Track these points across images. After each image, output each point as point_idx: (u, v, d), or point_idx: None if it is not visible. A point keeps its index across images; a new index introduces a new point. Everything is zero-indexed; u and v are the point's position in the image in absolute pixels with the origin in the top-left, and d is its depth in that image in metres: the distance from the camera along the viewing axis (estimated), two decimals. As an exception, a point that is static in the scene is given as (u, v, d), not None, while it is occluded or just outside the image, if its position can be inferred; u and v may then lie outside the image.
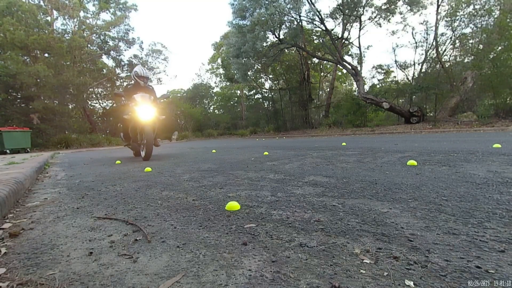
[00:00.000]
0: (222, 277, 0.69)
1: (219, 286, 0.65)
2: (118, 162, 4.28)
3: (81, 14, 19.44)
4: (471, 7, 13.02)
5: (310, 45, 18.87)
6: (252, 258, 0.78)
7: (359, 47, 15.76)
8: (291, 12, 13.96)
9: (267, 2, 13.60)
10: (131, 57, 24.42)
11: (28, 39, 13.60)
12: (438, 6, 13.48)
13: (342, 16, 14.94)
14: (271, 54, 16.19)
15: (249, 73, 17.31)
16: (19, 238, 1.07)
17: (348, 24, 15.76)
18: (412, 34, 18.47)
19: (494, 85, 10.44)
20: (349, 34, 16.70)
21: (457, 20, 13.48)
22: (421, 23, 18.73)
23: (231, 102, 30.20)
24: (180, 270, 0.73)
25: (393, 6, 13.97)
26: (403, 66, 16.89)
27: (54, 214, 1.39)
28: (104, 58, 23.17)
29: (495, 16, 11.99)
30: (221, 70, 28.39)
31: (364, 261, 0.73)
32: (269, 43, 16.02)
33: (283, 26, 15.02)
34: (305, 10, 14.94)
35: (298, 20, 14.97)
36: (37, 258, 0.86)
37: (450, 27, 13.90)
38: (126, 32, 21.95)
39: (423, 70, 15.55)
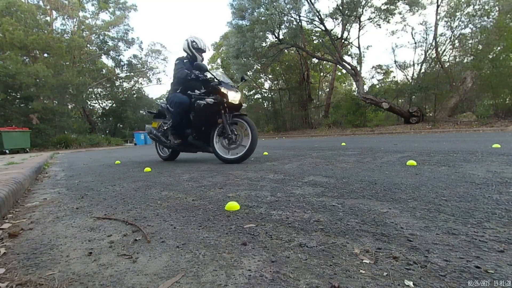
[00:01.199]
0: (221, 277, 0.68)
1: (218, 286, 0.65)
2: (117, 162, 4.28)
3: (81, 14, 19.45)
4: (471, 7, 13.04)
5: (310, 45, 18.88)
6: (252, 258, 0.78)
7: (359, 47, 15.78)
8: (290, 12, 13.98)
9: (266, 2, 13.61)
10: (130, 57, 24.49)
11: (27, 39, 13.60)
12: (438, 6, 13.50)
13: (341, 16, 14.95)
14: (271, 54, 16.21)
15: (248, 73, 17.32)
16: (18, 238, 1.07)
17: (348, 25, 15.77)
18: (412, 34, 18.46)
19: (494, 85, 10.47)
20: (348, 34, 16.73)
21: (457, 20, 13.50)
22: (421, 23, 18.73)
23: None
24: (180, 270, 0.73)
25: (392, 6, 13.99)
26: (402, 66, 16.90)
27: (53, 214, 1.39)
28: (104, 58, 23.21)
29: (494, 16, 12.02)
30: (221, 70, 28.36)
31: (363, 261, 0.73)
32: (268, 43, 16.04)
33: (283, 26, 15.03)
34: (305, 10, 14.97)
35: (298, 20, 14.98)
36: (36, 259, 0.86)
37: (450, 27, 13.93)
38: (125, 32, 21.99)
39: (423, 70, 15.57)
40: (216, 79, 3.21)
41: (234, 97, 3.14)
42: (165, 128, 3.80)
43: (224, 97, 3.09)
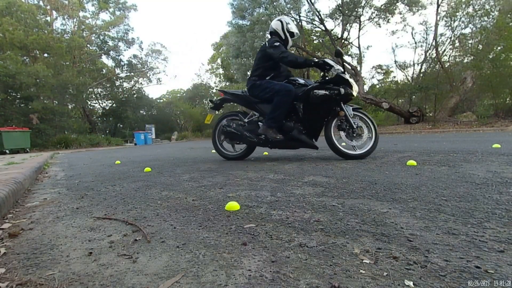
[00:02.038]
0: (221, 277, 0.69)
1: (218, 286, 0.65)
2: (117, 162, 4.28)
3: (81, 14, 19.45)
4: (471, 7, 13.05)
5: (310, 45, 18.87)
6: (252, 258, 0.78)
7: (359, 47, 15.78)
8: (291, 12, 13.98)
9: (266, 1, 13.62)
10: (130, 57, 24.48)
11: (27, 39, 13.60)
12: (438, 6, 13.50)
13: (341, 16, 14.95)
14: (271, 54, 16.18)
15: (248, 73, 17.31)
16: (18, 238, 1.07)
17: (348, 24, 15.77)
18: (412, 34, 18.52)
19: (494, 85, 10.47)
20: (348, 34, 16.71)
21: (457, 20, 13.51)
22: (421, 23, 18.79)
23: (231, 102, 30.16)
24: (180, 270, 0.73)
25: (392, 6, 13.99)
26: (402, 66, 16.94)
27: (53, 214, 1.39)
28: (104, 58, 23.20)
29: (494, 16, 12.02)
30: (220, 70, 28.40)
31: (363, 261, 0.73)
32: (268, 43, 16.01)
33: (283, 26, 15.01)
34: (305, 10, 14.98)
35: (298, 20, 14.97)
36: (36, 258, 0.86)
37: (450, 27, 13.94)
38: (125, 32, 21.99)
39: (423, 70, 15.59)
40: (342, 67, 2.97)
41: (356, 88, 2.95)
42: (246, 120, 3.34)
43: (350, 87, 2.87)
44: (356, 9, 14.11)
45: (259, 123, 3.22)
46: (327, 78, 3.01)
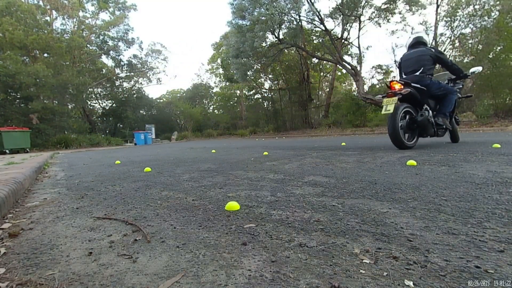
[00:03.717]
0: (221, 277, 0.69)
1: (218, 286, 0.65)
2: (117, 162, 4.28)
3: (80, 14, 19.45)
4: (471, 7, 13.05)
5: (310, 45, 18.89)
6: (252, 258, 0.78)
7: (359, 47, 15.77)
8: (290, 12, 13.97)
9: (266, 1, 13.61)
10: (130, 57, 24.47)
11: (27, 39, 13.59)
12: (438, 6, 13.50)
13: (341, 16, 14.94)
14: (271, 54, 16.20)
15: (248, 73, 17.31)
16: (18, 238, 1.07)
17: (348, 24, 15.76)
18: (412, 34, 18.49)
19: (493, 85, 10.46)
20: (348, 34, 16.71)
21: (457, 20, 13.50)
22: (421, 23, 18.75)
23: (231, 102, 30.21)
24: (180, 270, 0.73)
25: (392, 6, 13.99)
26: (402, 66, 16.89)
27: (53, 214, 1.39)
28: (104, 58, 23.20)
29: (494, 16, 12.02)
30: (220, 70, 28.38)
31: (363, 261, 0.73)
32: (268, 43, 16.04)
33: (283, 26, 15.03)
34: (305, 10, 14.96)
35: (298, 20, 14.98)
36: (36, 258, 0.86)
37: (450, 27, 13.93)
38: (125, 32, 21.99)
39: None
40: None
41: None
42: (426, 114, 3.44)
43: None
44: (356, 9, 14.10)
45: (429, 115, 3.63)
46: (457, 82, 3.90)
